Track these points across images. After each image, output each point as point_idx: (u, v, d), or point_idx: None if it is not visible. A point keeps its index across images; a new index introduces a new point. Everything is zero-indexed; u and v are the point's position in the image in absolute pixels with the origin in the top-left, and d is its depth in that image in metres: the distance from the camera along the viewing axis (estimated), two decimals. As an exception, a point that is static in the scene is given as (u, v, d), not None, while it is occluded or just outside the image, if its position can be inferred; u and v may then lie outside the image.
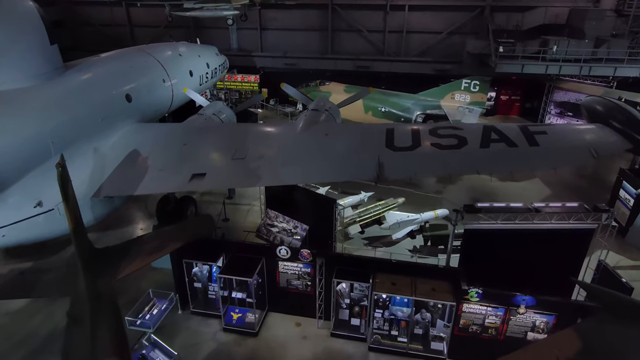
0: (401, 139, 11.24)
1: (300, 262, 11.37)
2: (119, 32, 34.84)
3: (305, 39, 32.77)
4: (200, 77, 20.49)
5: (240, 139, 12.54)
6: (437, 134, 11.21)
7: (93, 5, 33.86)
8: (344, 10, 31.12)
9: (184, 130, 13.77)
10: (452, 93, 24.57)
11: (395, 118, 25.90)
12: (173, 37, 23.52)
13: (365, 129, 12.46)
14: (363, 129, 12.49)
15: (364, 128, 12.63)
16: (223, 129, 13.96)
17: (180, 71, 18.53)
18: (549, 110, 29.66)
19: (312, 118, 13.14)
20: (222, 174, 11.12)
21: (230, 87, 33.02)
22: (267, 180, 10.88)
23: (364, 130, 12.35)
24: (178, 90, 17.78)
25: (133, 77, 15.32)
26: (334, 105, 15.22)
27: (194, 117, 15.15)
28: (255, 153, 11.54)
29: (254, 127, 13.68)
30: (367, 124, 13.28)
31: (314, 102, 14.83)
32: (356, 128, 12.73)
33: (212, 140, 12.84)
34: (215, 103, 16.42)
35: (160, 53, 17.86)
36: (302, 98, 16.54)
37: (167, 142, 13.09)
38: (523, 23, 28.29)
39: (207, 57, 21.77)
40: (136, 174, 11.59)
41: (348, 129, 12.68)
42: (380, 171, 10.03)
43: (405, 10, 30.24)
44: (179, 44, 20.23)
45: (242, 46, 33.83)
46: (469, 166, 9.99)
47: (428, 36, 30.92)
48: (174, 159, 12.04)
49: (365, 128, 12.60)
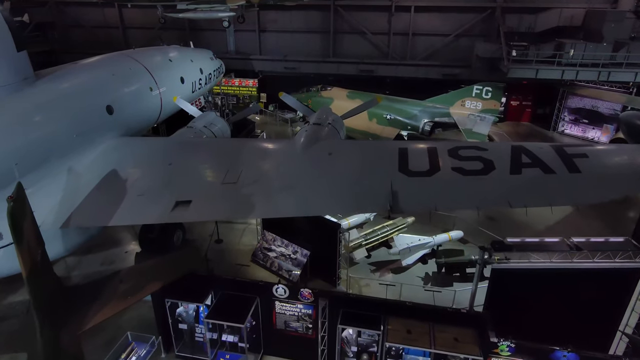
0: (416, 160, 9.73)
1: (300, 303, 9.87)
2: (112, 34, 33.41)
3: (306, 42, 31.29)
4: (193, 84, 19.00)
5: (233, 158, 11.06)
6: (458, 155, 9.70)
7: (84, 6, 32.41)
8: (346, 12, 29.64)
9: (171, 147, 12.29)
10: (462, 100, 23.08)
11: (401, 126, 24.43)
12: (164, 40, 22.03)
13: (373, 147, 10.96)
14: (371, 147, 10.99)
15: (373, 146, 11.12)
16: (214, 145, 12.47)
17: (170, 78, 17.05)
18: (563, 117, 28.14)
19: (314, 133, 11.64)
20: (210, 201, 9.62)
21: (228, 92, 31.54)
22: (262, 212, 9.40)
23: (372, 149, 10.85)
24: (167, 99, 16.30)
25: (115, 86, 13.84)
26: (337, 117, 13.72)
27: (183, 130, 13.68)
28: (249, 176, 10.05)
29: (248, 144, 12.17)
30: (376, 141, 11.76)
31: (316, 114, 13.34)
32: (363, 146, 11.22)
33: (201, 160, 11.35)
34: (207, 114, 14.95)
35: (148, 58, 16.38)
36: (303, 109, 15.06)
37: (150, 160, 11.60)
38: (536, 25, 26.76)
39: (201, 62, 20.28)
40: (111, 200, 10.09)
41: (354, 147, 11.17)
42: (394, 202, 8.53)
43: (411, 12, 28.76)
44: (170, 48, 18.75)
45: (239, 49, 32.36)
46: (498, 197, 8.47)
47: (435, 39, 29.43)
48: (156, 182, 10.54)
49: (374, 146, 11.10)
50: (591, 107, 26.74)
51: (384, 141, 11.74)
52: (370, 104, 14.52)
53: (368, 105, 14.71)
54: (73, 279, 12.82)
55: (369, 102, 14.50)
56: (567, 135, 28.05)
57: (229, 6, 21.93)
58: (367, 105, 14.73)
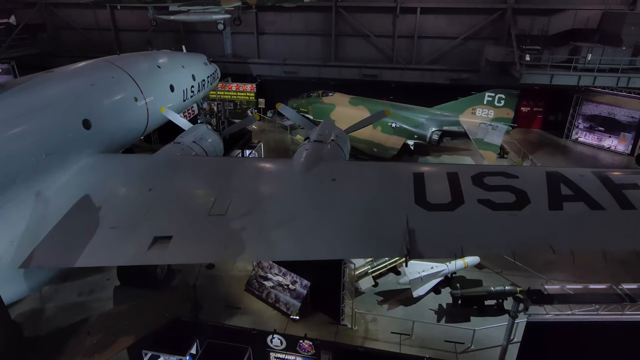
0: (436, 189, 8.32)
1: (300, 355, 8.46)
2: (104, 37, 32.04)
3: (307, 45, 29.90)
4: (184, 92, 17.60)
5: (222, 182, 9.66)
6: (484, 183, 8.28)
7: (75, 7, 31.01)
8: (349, 13, 28.24)
9: (152, 167, 10.86)
10: (472, 107, 21.67)
11: (407, 135, 23.04)
12: (153, 45, 20.64)
13: (384, 172, 9.52)
14: (381, 172, 9.55)
15: (383, 170, 9.68)
16: (201, 166, 11.04)
17: (158, 86, 15.64)
18: (577, 124, 26.72)
19: (315, 153, 10.25)
20: (193, 239, 8.21)
21: (224, 98, 30.14)
22: (254, 254, 8.01)
23: (382, 174, 9.41)
24: (155, 110, 14.89)
25: (94, 97, 12.41)
26: (341, 132, 12.35)
27: (169, 146, 12.25)
28: (240, 207, 8.63)
29: (240, 165, 10.73)
30: (387, 164, 10.32)
31: (317, 128, 11.94)
32: (372, 169, 9.78)
33: (186, 184, 9.94)
34: (197, 127, 13.56)
35: (134, 65, 14.97)
36: (302, 122, 13.63)
37: (128, 184, 10.20)
38: (549, 27, 25.38)
39: (193, 68, 18.87)
40: (80, 234, 8.68)
41: (361, 170, 9.74)
42: (411, 244, 7.12)
43: (416, 13, 27.35)
44: (159, 54, 17.36)
45: (237, 52, 30.97)
46: (537, 239, 7.05)
47: (442, 42, 28.02)
48: (132, 211, 9.13)
49: (384, 170, 9.65)
50: (607, 114, 25.33)
51: (396, 164, 10.28)
52: (378, 117, 13.13)
53: (375, 118, 13.32)
54: (38, 325, 11.41)
55: (377, 115, 13.10)
56: (582, 143, 26.64)
57: (224, 7, 20.56)
58: (374, 118, 13.34)
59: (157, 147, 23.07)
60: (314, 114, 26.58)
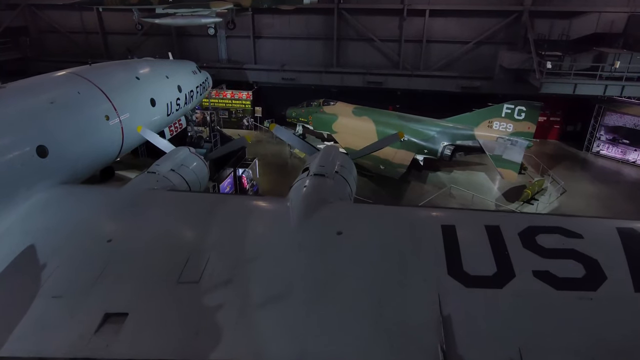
0: (473, 251, 6.32)
1: None
2: (91, 40, 30.11)
3: (307, 50, 27.92)
4: (168, 106, 15.61)
5: (200, 232, 7.67)
6: (538, 245, 6.28)
7: (60, 9, 29.04)
8: (352, 16, 26.27)
9: (117, 207, 8.87)
10: (489, 120, 19.71)
11: (416, 149, 21.08)
12: (133, 52, 18.70)
13: (402, 220, 7.51)
14: (398, 219, 7.55)
15: (400, 217, 7.67)
16: (176, 208, 9.03)
17: (136, 101, 13.65)
18: (599, 135, 24.74)
19: (316, 192, 8.24)
20: (155, 318, 6.22)
21: (218, 106, 28.18)
22: (229, 353, 6.01)
23: (400, 223, 7.40)
24: (131, 128, 12.88)
25: (53, 119, 10.42)
26: (345, 160, 10.33)
27: (142, 177, 10.21)
28: (218, 271, 6.64)
29: (223, 206, 8.73)
30: (406, 209, 8.28)
31: (318, 156, 9.91)
32: (386, 217, 7.76)
33: (155, 234, 7.93)
34: (177, 151, 11.53)
35: (107, 77, 12.99)
36: (301, 145, 11.55)
37: (84, 231, 8.20)
38: (570, 32, 23.41)
39: (180, 78, 16.88)
40: (14, 304, 6.69)
41: (373, 218, 7.73)
42: (448, 343, 5.13)
43: (425, 16, 25.40)
44: (139, 63, 15.38)
45: (232, 57, 29.01)
46: (628, 342, 5.08)
47: (452, 46, 26.07)
48: (84, 272, 7.14)
49: (402, 217, 7.65)
50: (633, 125, 23.36)
51: (417, 210, 8.23)
52: (390, 141, 11.13)
53: (387, 142, 11.30)
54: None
55: (389, 138, 11.09)
56: (604, 156, 24.66)
57: (214, 10, 18.61)
58: (387, 141, 11.32)
59: (144, 161, 21.25)
60: (315, 125, 24.65)
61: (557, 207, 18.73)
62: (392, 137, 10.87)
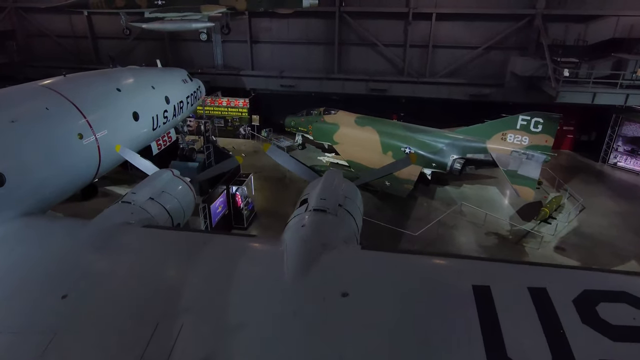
0: (517, 325, 4.96)
1: None
2: (80, 45, 28.76)
3: (307, 55, 26.58)
4: (154, 120, 14.26)
5: (174, 286, 6.27)
6: (599, 319, 4.93)
7: (48, 13, 27.66)
8: (354, 20, 24.92)
9: (79, 251, 7.47)
10: (503, 132, 18.31)
11: (424, 162, 19.68)
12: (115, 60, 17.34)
13: (422, 276, 6.11)
14: (417, 274, 6.15)
15: (420, 270, 6.27)
16: (150, 250, 7.62)
17: (115, 116, 12.30)
18: (616, 146, 23.35)
19: (315, 236, 6.84)
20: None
21: (214, 114, 26.81)
22: None
23: (419, 282, 6.00)
24: (109, 147, 11.54)
25: (13, 140, 9.09)
26: (350, 188, 8.93)
27: (115, 208, 8.78)
28: (192, 347, 5.26)
29: (205, 249, 7.34)
30: (424, 258, 6.86)
31: (319, 186, 8.47)
32: (401, 273, 6.33)
33: (118, 291, 6.53)
34: (158, 175, 10.11)
35: (82, 90, 11.66)
36: (299, 170, 10.14)
37: (37, 283, 6.82)
38: (586, 36, 22.03)
39: (168, 88, 15.54)
40: None
41: (385, 277, 6.29)
42: None
43: (432, 20, 24.05)
44: (122, 72, 14.04)
45: (228, 63, 27.67)
46: None
47: (460, 52, 24.70)
48: (33, 340, 5.76)
49: (423, 271, 6.25)
50: (654, 136, 22.01)
51: (441, 261, 6.81)
52: (400, 165, 9.74)
53: (398, 165, 9.92)
54: None
55: (400, 162, 9.66)
56: (621, 168, 23.27)
57: (205, 14, 17.25)
58: (397, 165, 9.94)
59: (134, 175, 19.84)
60: (315, 135, 23.28)
61: (577, 226, 17.33)
62: (404, 161, 9.47)
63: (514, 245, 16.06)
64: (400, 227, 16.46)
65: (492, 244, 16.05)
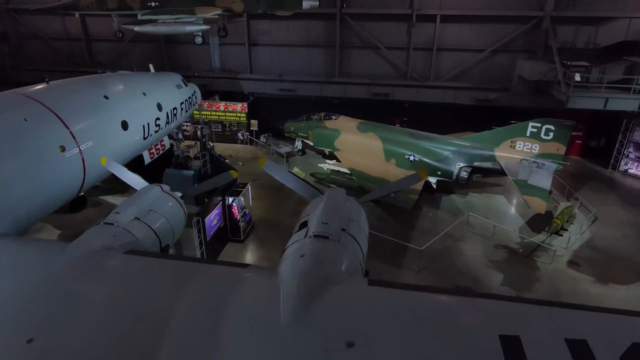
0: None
1: None
2: (74, 47, 27.99)
3: (307, 58, 25.83)
4: (145, 128, 13.47)
5: (154, 330, 5.47)
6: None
7: (41, 14, 26.90)
8: (356, 22, 24.16)
9: (55, 282, 6.68)
10: (512, 140, 17.51)
11: (428, 170, 18.87)
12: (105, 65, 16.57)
13: (438, 323, 5.30)
14: (432, 322, 5.33)
15: (434, 316, 5.46)
16: (129, 283, 6.82)
17: (102, 125, 11.52)
18: (627, 153, 22.56)
19: (317, 269, 6.01)
20: None
21: (211, 118, 26.04)
22: None
23: (435, 328, 5.18)
24: (95, 159, 10.76)
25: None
26: (354, 208, 8.13)
27: (95, 231, 7.95)
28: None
29: (192, 282, 6.54)
30: (442, 298, 6.06)
31: (319, 208, 7.64)
32: (414, 316, 5.53)
33: (88, 338, 5.71)
34: (145, 191, 9.30)
35: (66, 98, 10.90)
36: (297, 186, 9.35)
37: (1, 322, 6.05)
38: (597, 39, 21.27)
39: (160, 94, 14.76)
40: None
41: (396, 321, 5.47)
42: None
43: (436, 22, 23.29)
44: (111, 78, 13.23)
45: (226, 66, 26.91)
46: None
47: (465, 55, 23.95)
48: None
49: (438, 316, 5.43)
50: (666, 142, 21.22)
51: (460, 303, 6.03)
52: (411, 182, 8.93)
53: (406, 182, 9.11)
54: None
55: (409, 179, 8.84)
56: (632, 175, 22.47)
57: (200, 17, 16.48)
58: (405, 182, 9.13)
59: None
60: (315, 141, 22.50)
61: (590, 238, 16.53)
62: (412, 177, 8.65)
63: (524, 259, 15.26)
64: (405, 241, 15.66)
65: (501, 258, 15.25)
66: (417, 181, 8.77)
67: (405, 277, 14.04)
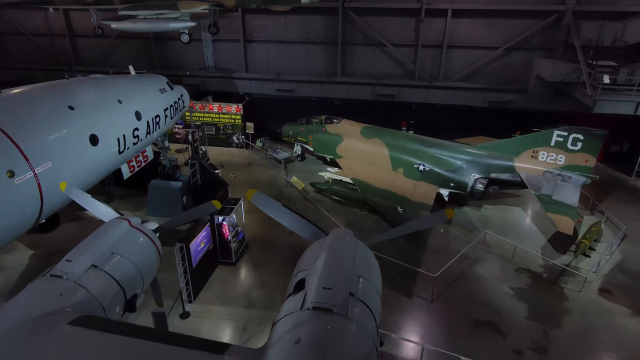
0: None
1: None
2: (58, 44, 26.19)
3: (307, 56, 24.09)
4: (121, 141, 11.76)
5: None
6: None
7: (22, 8, 25.05)
8: (360, 17, 22.34)
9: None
10: (534, 150, 15.81)
11: (440, 181, 17.20)
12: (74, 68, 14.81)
13: None
14: None
15: None
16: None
17: (65, 142, 9.83)
18: (653, 159, 20.86)
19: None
20: None
21: (204, 120, 24.32)
22: None
23: None
24: (54, 184, 9.07)
25: None
26: (364, 255, 6.36)
27: (38, 287, 6.28)
28: None
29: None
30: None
31: (322, 257, 5.92)
32: None
33: None
34: (109, 228, 7.56)
35: (18, 111, 9.20)
36: (295, 224, 7.66)
37: None
38: (624, 36, 19.46)
39: (139, 100, 13.04)
40: None
41: None
42: None
43: (447, 17, 21.50)
44: (80, 84, 11.49)
45: (220, 64, 25.14)
46: None
47: (478, 53, 22.18)
48: None
49: None
50: (697, 149, 19.47)
51: None
52: (434, 222, 7.26)
53: (428, 221, 7.48)
54: None
55: (433, 217, 7.16)
56: (658, 184, 20.79)
57: (184, 12, 14.68)
58: (427, 221, 7.50)
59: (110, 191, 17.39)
60: (315, 147, 20.81)
61: (621, 260, 14.87)
62: (437, 216, 6.94)
63: (550, 285, 13.61)
64: (416, 262, 14.03)
65: (524, 284, 13.60)
66: (442, 220, 7.10)
67: (417, 308, 12.42)
